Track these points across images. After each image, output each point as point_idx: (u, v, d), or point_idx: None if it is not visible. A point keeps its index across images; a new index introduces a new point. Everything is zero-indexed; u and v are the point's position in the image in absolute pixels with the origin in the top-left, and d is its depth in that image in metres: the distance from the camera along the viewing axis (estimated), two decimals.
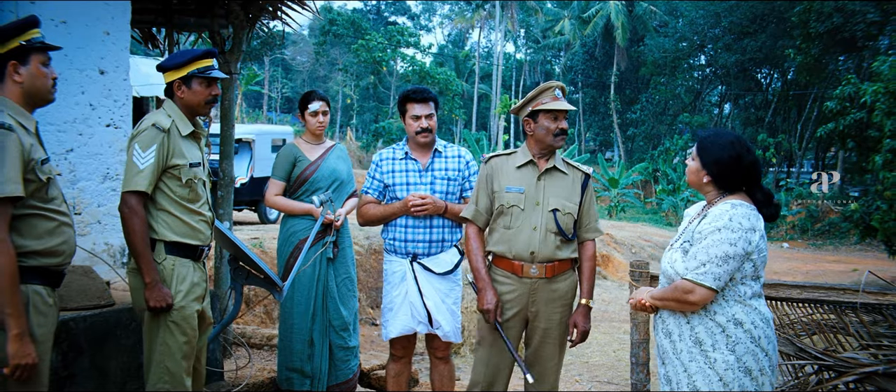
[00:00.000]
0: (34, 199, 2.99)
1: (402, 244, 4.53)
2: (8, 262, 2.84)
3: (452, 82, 42.31)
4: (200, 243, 3.72)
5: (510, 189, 4.08)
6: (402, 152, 4.64)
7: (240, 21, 5.84)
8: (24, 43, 3.05)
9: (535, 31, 52.62)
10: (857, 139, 16.28)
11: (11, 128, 2.92)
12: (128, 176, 3.53)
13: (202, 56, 3.73)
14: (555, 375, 4.18)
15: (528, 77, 54.33)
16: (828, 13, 24.65)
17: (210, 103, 3.81)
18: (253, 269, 4.37)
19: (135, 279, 3.62)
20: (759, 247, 3.14)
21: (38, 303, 3.02)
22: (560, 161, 4.15)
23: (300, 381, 5.03)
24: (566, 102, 4.03)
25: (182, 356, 3.62)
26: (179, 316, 3.58)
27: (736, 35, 35.41)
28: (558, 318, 4.11)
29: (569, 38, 47.09)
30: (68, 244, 3.18)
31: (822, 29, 24.82)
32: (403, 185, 4.56)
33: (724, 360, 3.12)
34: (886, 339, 4.56)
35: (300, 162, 5.11)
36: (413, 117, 4.55)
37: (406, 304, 4.51)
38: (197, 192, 3.71)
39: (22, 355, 2.88)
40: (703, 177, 3.29)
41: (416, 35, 46.59)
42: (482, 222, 4.20)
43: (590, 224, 4.17)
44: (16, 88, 3.07)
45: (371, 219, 4.63)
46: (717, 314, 3.16)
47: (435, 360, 4.69)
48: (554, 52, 54.42)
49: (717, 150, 3.26)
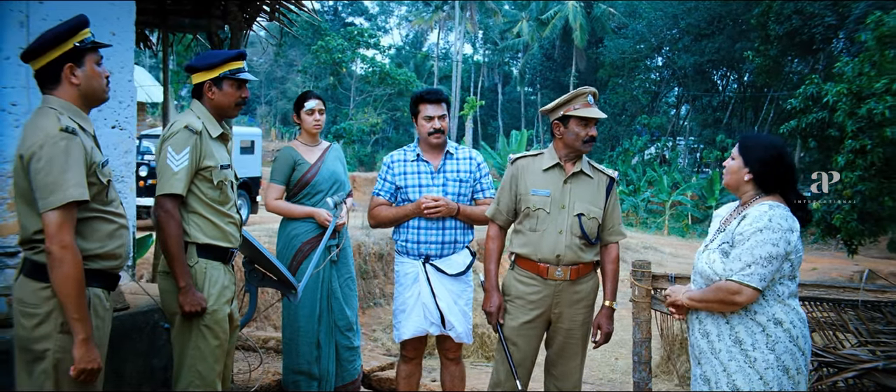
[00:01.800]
0: (95, 202, 2.97)
1: (414, 246, 4.52)
2: (75, 268, 2.82)
3: (413, 83, 42.23)
4: (231, 245, 3.70)
5: (536, 192, 4.10)
6: (414, 154, 4.62)
7: (238, 22, 5.81)
8: (78, 44, 3.02)
9: (493, 33, 52.75)
10: (818, 139, 16.62)
11: (75, 131, 2.90)
12: (162, 179, 3.50)
13: (234, 58, 3.72)
14: (577, 375, 4.24)
15: (486, 78, 54.47)
16: (787, 15, 25.14)
17: (239, 105, 3.79)
18: (267, 271, 4.35)
19: (165, 282, 3.60)
20: (796, 247, 3.22)
21: (97, 306, 3.00)
22: (586, 164, 4.18)
23: (307, 383, 5.01)
24: (598, 109, 4.05)
25: (214, 360, 3.59)
26: (212, 319, 3.56)
27: (693, 37, 35.94)
28: (581, 319, 4.16)
29: (527, 39, 47.32)
30: (125, 247, 3.16)
31: (780, 31, 25.32)
32: (416, 187, 4.55)
33: (765, 358, 3.19)
34: (885, 335, 4.68)
35: (300, 165, 5.06)
36: (426, 118, 4.54)
37: (419, 305, 4.50)
38: (227, 194, 3.69)
39: (88, 360, 2.87)
40: (745, 175, 3.35)
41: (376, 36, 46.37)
42: (503, 222, 4.23)
43: (614, 227, 4.21)
44: (73, 90, 3.04)
45: (383, 221, 4.61)
46: (757, 314, 3.23)
47: (446, 361, 4.71)
48: (512, 53, 54.63)
49: (760, 150, 3.34)
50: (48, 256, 2.81)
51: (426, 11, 50.67)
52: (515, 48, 51.64)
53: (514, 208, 4.21)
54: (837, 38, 26.69)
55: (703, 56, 35.37)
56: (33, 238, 2.91)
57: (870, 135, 13.39)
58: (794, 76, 30.26)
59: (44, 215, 2.81)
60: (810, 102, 16.71)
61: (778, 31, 25.40)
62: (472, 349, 10.81)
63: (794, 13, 24.99)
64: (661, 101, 44.54)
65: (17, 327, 2.92)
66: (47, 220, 2.80)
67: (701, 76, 39.02)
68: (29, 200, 2.90)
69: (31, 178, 2.84)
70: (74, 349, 2.86)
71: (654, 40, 39.41)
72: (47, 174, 2.81)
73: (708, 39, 34.93)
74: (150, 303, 4.42)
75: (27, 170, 2.85)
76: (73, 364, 2.86)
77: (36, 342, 2.89)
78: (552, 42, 46.63)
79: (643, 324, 5.21)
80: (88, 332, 2.87)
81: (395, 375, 4.93)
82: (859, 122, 13.55)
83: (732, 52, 33.63)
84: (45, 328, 2.89)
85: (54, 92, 3.03)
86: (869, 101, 13.20)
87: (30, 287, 2.91)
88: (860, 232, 14.66)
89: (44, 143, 2.83)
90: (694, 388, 3.48)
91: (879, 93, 13.14)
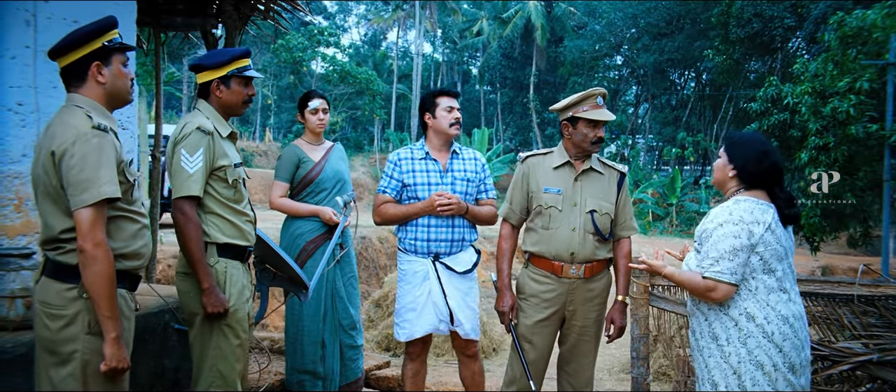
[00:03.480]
0: (122, 202, 2.94)
1: (424, 244, 4.52)
2: (108, 266, 2.80)
3: (374, 82, 42.07)
4: (248, 244, 3.69)
5: (548, 190, 4.16)
6: (422, 152, 4.63)
7: (232, 21, 5.79)
8: (106, 44, 3.01)
9: (452, 32, 52.79)
10: (780, 139, 16.94)
11: (107, 129, 2.88)
12: (178, 182, 3.48)
13: (241, 56, 3.71)
14: (590, 371, 4.30)
15: (445, 77, 54.48)
16: (747, 18, 25.56)
17: (247, 103, 3.78)
18: (277, 270, 4.35)
19: (185, 283, 3.58)
20: (765, 240, 3.25)
21: (122, 306, 2.97)
22: (596, 161, 4.25)
23: (312, 382, 5.01)
24: (607, 111, 4.11)
25: (235, 359, 3.58)
26: (233, 319, 3.55)
27: (653, 36, 36.36)
28: (594, 317, 4.22)
29: (486, 38, 47.43)
30: (148, 247, 3.14)
31: (742, 34, 25.72)
32: (425, 186, 4.55)
33: (737, 353, 3.24)
34: (878, 329, 4.82)
35: (304, 163, 5.06)
36: (447, 109, 4.56)
37: (429, 303, 4.51)
38: (241, 192, 3.69)
39: (119, 359, 2.85)
40: (729, 170, 3.44)
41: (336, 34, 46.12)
42: (516, 221, 4.28)
43: (626, 222, 4.28)
44: (99, 89, 3.01)
45: (390, 218, 4.60)
46: (730, 308, 3.29)
47: (465, 359, 4.71)
48: (471, 52, 54.73)
49: (743, 147, 3.43)
50: (81, 254, 2.78)
51: (385, 10, 50.54)
52: (474, 47, 51.74)
53: (526, 207, 4.25)
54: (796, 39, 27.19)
55: (662, 55, 35.81)
56: (60, 238, 2.88)
57: (834, 133, 13.68)
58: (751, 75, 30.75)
59: (76, 213, 2.78)
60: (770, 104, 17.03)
61: (739, 34, 25.82)
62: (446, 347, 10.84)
63: (755, 16, 25.43)
64: (621, 100, 44.99)
65: (41, 329, 2.89)
66: (80, 217, 2.78)
67: (660, 75, 39.52)
68: (56, 199, 2.87)
69: (63, 176, 2.81)
70: (105, 348, 2.84)
71: (613, 39, 39.78)
72: (81, 171, 2.79)
73: (667, 39, 35.38)
74: (161, 304, 4.41)
75: (58, 167, 2.83)
76: (104, 363, 2.84)
77: (63, 344, 2.86)
78: (511, 41, 46.78)
79: (641, 320, 5.30)
80: (119, 331, 2.86)
81: (400, 374, 4.93)
82: (823, 121, 13.83)
83: (691, 52, 34.11)
84: (73, 330, 2.86)
85: (80, 90, 3.01)
86: (833, 100, 13.49)
87: (54, 288, 2.89)
88: (823, 228, 14.95)
89: (76, 140, 2.81)
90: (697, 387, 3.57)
91: (842, 91, 13.44)
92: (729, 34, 26.28)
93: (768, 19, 25.31)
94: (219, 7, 5.78)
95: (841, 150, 13.63)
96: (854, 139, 13.42)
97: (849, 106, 13.15)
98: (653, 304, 5.31)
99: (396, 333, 4.69)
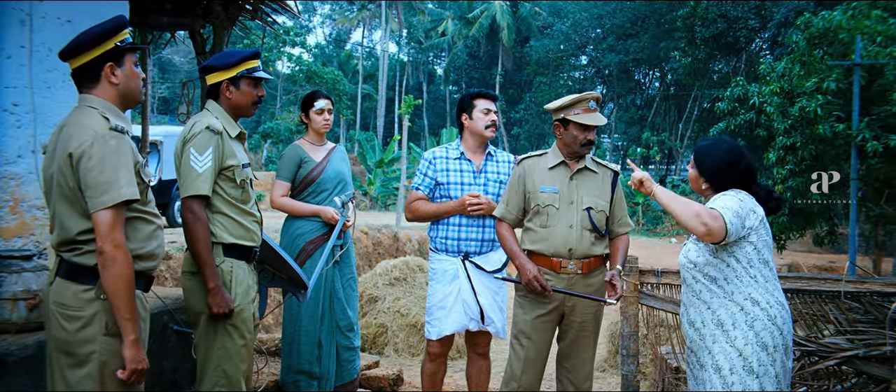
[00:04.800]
0: (138, 203, 2.93)
1: (454, 243, 4.62)
2: (128, 268, 2.79)
3: (340, 82, 41.94)
4: (254, 244, 3.70)
5: (545, 189, 4.22)
6: (457, 152, 4.73)
7: (220, 21, 5.77)
8: (119, 44, 2.99)
9: (417, 32, 52.80)
10: (747, 138, 17.21)
11: (124, 130, 2.88)
12: (187, 181, 3.48)
13: (251, 57, 3.72)
14: (589, 367, 4.36)
15: (410, 77, 54.48)
16: (712, 19, 25.92)
17: (256, 104, 3.80)
18: (277, 270, 4.35)
19: (190, 282, 3.58)
20: (757, 230, 3.41)
21: (138, 307, 2.95)
22: (590, 161, 4.32)
23: (307, 382, 5.01)
24: (599, 116, 4.18)
25: (240, 359, 3.58)
26: (238, 319, 3.55)
27: (618, 37, 36.67)
28: (593, 312, 4.28)
29: (452, 38, 47.48)
30: (162, 248, 3.13)
31: (707, 34, 26.08)
32: (458, 185, 4.65)
33: (744, 335, 3.35)
34: (863, 324, 4.92)
35: (306, 163, 5.06)
36: (484, 111, 4.67)
37: (459, 301, 4.58)
38: (248, 192, 3.70)
39: (138, 360, 2.84)
40: (702, 184, 3.60)
41: (302, 34, 45.89)
42: (512, 221, 4.33)
43: (621, 218, 4.36)
44: (112, 90, 3.00)
45: (422, 216, 4.70)
46: (734, 294, 3.40)
47: (475, 356, 4.80)
48: (436, 52, 54.78)
49: (711, 160, 3.56)
50: (100, 256, 2.77)
51: (350, 10, 50.39)
52: (440, 47, 51.77)
53: (523, 207, 4.30)
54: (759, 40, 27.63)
55: (627, 55, 36.16)
56: (76, 239, 2.86)
57: (801, 132, 13.93)
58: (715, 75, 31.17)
59: (96, 215, 2.77)
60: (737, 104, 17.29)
61: (704, 34, 26.18)
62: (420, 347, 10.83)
63: (720, 16, 25.81)
64: None
65: (56, 330, 2.86)
66: (100, 219, 2.77)
67: (625, 75, 39.89)
68: (72, 201, 2.85)
69: (81, 177, 2.80)
70: (124, 350, 2.82)
71: (578, 40, 40.06)
72: (100, 173, 2.78)
73: (632, 39, 35.71)
74: (160, 305, 4.39)
75: (76, 169, 2.81)
76: (124, 365, 2.83)
77: (80, 345, 2.84)
78: (477, 41, 46.89)
79: (631, 318, 5.37)
80: (137, 332, 2.85)
81: (420, 372, 4.95)
82: (790, 120, 14.08)
83: (656, 52, 34.47)
84: (90, 331, 2.85)
85: (93, 91, 2.99)
86: (800, 100, 13.73)
87: (71, 290, 2.87)
88: (789, 227, 15.22)
89: (94, 142, 2.80)
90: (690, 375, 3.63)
91: (810, 91, 13.69)
92: (694, 35, 26.64)
93: (733, 20, 25.72)
94: (206, 7, 5.75)
95: (808, 150, 13.89)
96: (821, 139, 13.68)
97: (816, 106, 13.40)
98: (642, 303, 5.38)
99: (427, 331, 4.76)
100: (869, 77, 13.67)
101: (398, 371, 6.26)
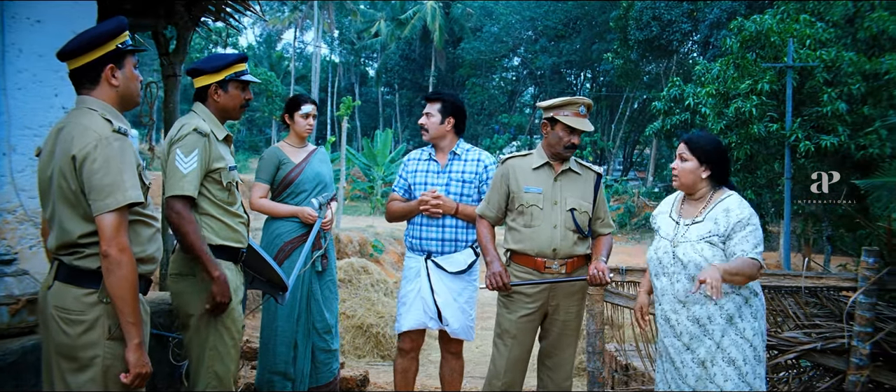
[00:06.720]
0: (140, 206, 2.91)
1: (418, 241, 4.69)
2: (132, 271, 2.76)
3: (273, 83, 41.54)
4: (241, 245, 3.70)
5: (529, 189, 4.27)
6: (428, 154, 4.85)
7: (184, 21, 5.71)
8: (120, 46, 2.96)
9: (349, 33, 52.54)
10: None
11: (126, 133, 2.85)
12: (172, 181, 3.46)
13: (238, 60, 3.73)
14: (570, 365, 4.43)
15: (342, 79, 54.20)
16: (646, 22, 26.44)
17: (244, 107, 3.81)
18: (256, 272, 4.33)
19: (179, 284, 3.56)
20: None
21: (140, 311, 2.94)
22: (574, 162, 4.39)
23: (282, 383, 4.99)
24: (587, 122, 4.24)
25: (230, 359, 3.59)
26: (229, 319, 3.56)
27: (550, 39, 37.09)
28: (575, 311, 4.35)
29: (384, 39, 47.39)
30: (161, 251, 3.10)
31: (640, 37, 26.58)
32: (422, 185, 4.74)
33: (752, 327, 3.53)
34: (820, 319, 5.11)
35: (284, 165, 5.05)
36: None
37: (419, 299, 4.64)
38: (235, 195, 3.69)
39: (142, 364, 2.81)
40: (702, 173, 3.65)
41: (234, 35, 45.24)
42: (493, 219, 4.38)
43: (604, 219, 4.44)
44: (112, 92, 2.96)
45: (392, 215, 4.85)
46: (741, 289, 3.56)
47: (447, 355, 4.84)
48: (368, 53, 54.59)
49: (710, 147, 3.66)
50: (104, 259, 2.73)
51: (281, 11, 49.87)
52: (372, 48, 51.61)
53: (504, 206, 4.36)
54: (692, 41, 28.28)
55: (560, 57, 36.60)
56: (78, 242, 2.81)
57: (737, 132, 14.34)
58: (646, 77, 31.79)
59: (100, 218, 2.73)
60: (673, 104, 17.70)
61: (638, 37, 26.69)
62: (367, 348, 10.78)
63: (653, 19, 26.34)
64: (518, 101, 45.70)
65: (57, 335, 2.81)
66: (104, 222, 2.73)
67: (557, 76, 40.34)
68: (74, 203, 2.80)
69: (85, 180, 2.76)
70: (128, 353, 2.79)
71: (510, 41, 40.39)
72: (105, 175, 2.74)
73: (565, 41, 36.17)
74: None
75: (79, 171, 2.77)
76: (128, 369, 2.80)
77: (82, 349, 2.81)
78: (410, 42, 46.90)
79: (597, 315, 5.45)
80: (141, 336, 2.82)
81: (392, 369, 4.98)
82: (725, 120, 14.48)
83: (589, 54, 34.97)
84: (93, 335, 2.82)
85: (93, 93, 2.95)
86: (736, 101, 14.14)
87: (72, 293, 2.82)
88: None
89: (98, 144, 2.76)
90: (685, 372, 3.70)
91: (744, 93, 14.11)
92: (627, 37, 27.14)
93: (666, 23, 26.26)
94: (169, 7, 5.69)
95: (743, 149, 14.30)
96: (755, 138, 14.10)
97: (751, 106, 13.82)
98: (607, 300, 5.47)
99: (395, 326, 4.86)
100: (800, 79, 14.15)
101: (364, 372, 6.27)
